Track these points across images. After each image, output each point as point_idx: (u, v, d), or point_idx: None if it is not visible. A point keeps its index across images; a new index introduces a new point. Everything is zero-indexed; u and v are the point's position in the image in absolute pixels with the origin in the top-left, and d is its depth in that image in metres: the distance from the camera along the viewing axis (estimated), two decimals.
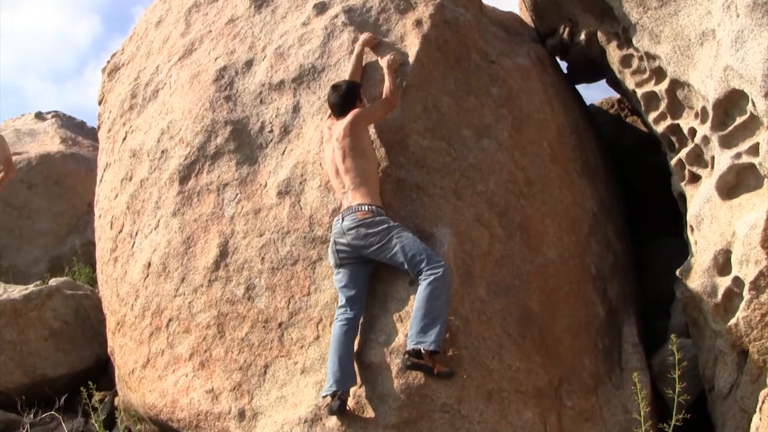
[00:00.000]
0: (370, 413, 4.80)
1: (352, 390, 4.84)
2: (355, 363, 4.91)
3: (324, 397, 4.83)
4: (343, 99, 5.52)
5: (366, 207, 5.09)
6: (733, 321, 5.40)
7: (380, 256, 5.07)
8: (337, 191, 5.40)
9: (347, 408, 4.78)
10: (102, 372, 8.11)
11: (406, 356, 4.76)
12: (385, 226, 5.02)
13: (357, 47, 6.00)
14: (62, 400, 7.07)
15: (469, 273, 5.22)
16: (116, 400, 7.09)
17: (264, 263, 5.61)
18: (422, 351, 4.67)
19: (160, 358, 5.98)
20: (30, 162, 13.20)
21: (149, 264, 6.29)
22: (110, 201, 7.22)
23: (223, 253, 5.82)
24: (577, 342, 5.86)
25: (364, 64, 5.98)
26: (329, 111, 5.74)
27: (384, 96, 5.63)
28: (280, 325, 5.39)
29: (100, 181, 7.79)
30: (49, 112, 16.23)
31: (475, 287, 5.19)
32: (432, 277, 4.80)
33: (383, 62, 5.84)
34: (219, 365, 5.55)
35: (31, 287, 8.27)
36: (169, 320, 5.98)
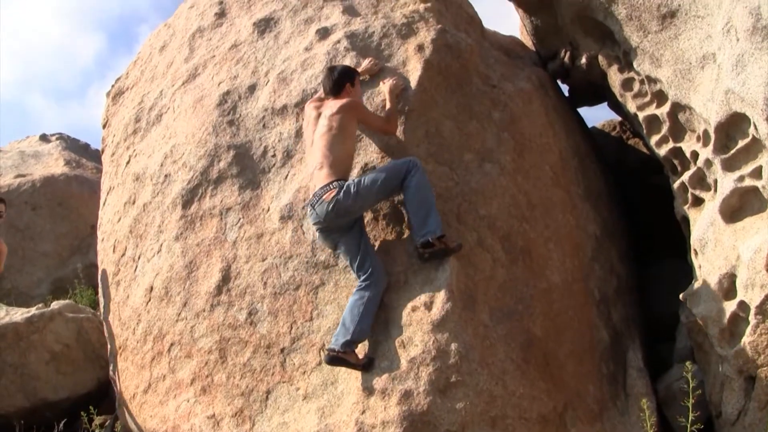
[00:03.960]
0: None
1: (354, 416, 4.82)
2: (351, 322, 4.99)
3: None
4: (336, 78, 5.63)
5: (328, 186, 5.17)
6: (739, 346, 5.36)
7: (366, 209, 5.39)
8: (307, 172, 5.56)
9: (338, 358, 4.92)
10: (103, 396, 8.09)
11: (421, 250, 5.11)
12: (353, 189, 5.13)
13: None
14: (62, 424, 7.03)
15: (472, 298, 5.19)
16: (117, 424, 7.06)
17: (266, 288, 5.60)
18: (430, 240, 5.04)
19: (162, 383, 5.96)
20: (34, 184, 13.25)
21: (151, 288, 6.28)
22: (113, 224, 7.22)
23: (226, 278, 5.81)
24: (582, 367, 5.82)
25: (366, 90, 6.01)
26: (318, 95, 5.92)
27: (390, 121, 5.67)
28: (282, 350, 5.38)
29: (104, 204, 7.80)
30: (54, 134, 16.32)
31: (478, 312, 5.16)
32: (413, 179, 5.16)
33: (385, 87, 5.88)
34: (221, 390, 5.52)
35: (33, 310, 8.26)
36: (171, 345, 5.97)
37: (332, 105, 5.48)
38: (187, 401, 5.69)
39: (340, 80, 5.63)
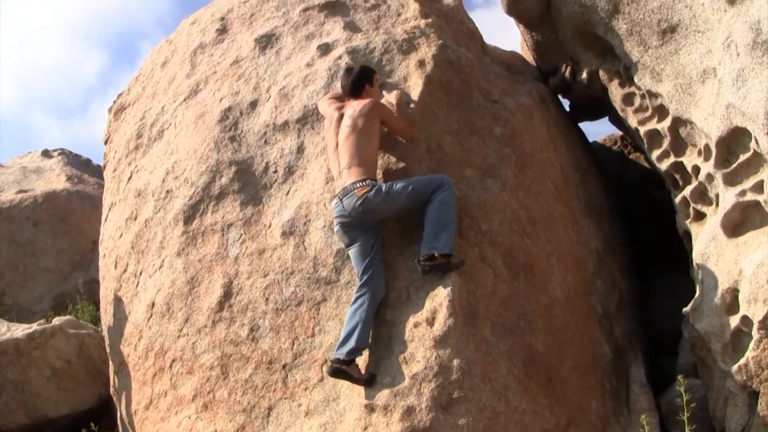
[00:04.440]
0: None
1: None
2: (354, 329, 5.00)
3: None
4: (355, 79, 5.72)
5: (360, 183, 5.24)
6: (742, 361, 5.34)
7: (392, 213, 5.38)
8: (334, 171, 5.54)
9: (341, 370, 4.91)
10: (104, 412, 8.06)
11: (422, 262, 5.06)
12: (384, 190, 5.24)
13: None
14: None
15: (474, 313, 5.18)
16: None
17: (268, 304, 5.59)
18: (435, 255, 5.02)
19: (163, 399, 5.94)
20: (36, 199, 13.23)
21: (153, 304, 6.27)
22: (115, 240, 7.22)
23: (227, 294, 5.81)
24: (584, 383, 5.80)
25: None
26: (333, 94, 6.04)
27: (408, 121, 5.77)
28: (284, 366, 5.36)
29: (105, 220, 7.81)
30: (56, 150, 16.32)
31: (479, 328, 5.15)
32: (441, 194, 5.21)
33: (392, 98, 5.92)
34: (222, 407, 5.51)
35: (34, 326, 8.24)
36: (173, 361, 5.95)
37: (355, 105, 5.55)
38: (189, 417, 5.68)
39: (359, 81, 5.72)
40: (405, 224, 5.49)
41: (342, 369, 4.90)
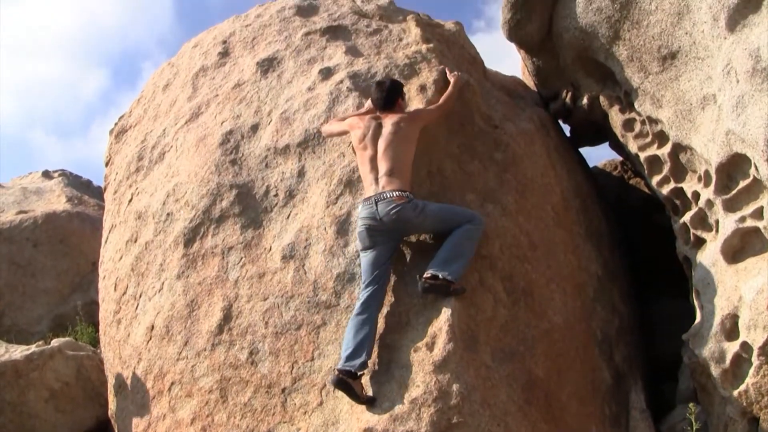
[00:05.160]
0: None
1: None
2: (363, 341, 5.01)
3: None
4: (387, 93, 5.85)
5: (398, 192, 5.29)
6: (742, 387, 5.34)
7: (420, 231, 5.50)
8: (366, 176, 5.56)
9: (347, 383, 4.88)
10: None
11: (424, 280, 5.08)
12: (420, 206, 5.30)
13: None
14: None
15: (474, 338, 5.17)
16: None
17: (268, 327, 5.58)
18: (439, 276, 5.05)
19: (162, 423, 5.91)
20: (36, 220, 13.23)
21: (152, 327, 6.26)
22: (115, 262, 7.22)
23: (227, 317, 5.80)
24: (584, 408, 5.79)
25: None
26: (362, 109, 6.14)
27: (443, 100, 6.08)
28: (283, 390, 5.34)
29: (105, 242, 7.81)
30: (56, 171, 16.35)
31: (479, 353, 5.14)
32: (469, 226, 5.31)
33: (452, 77, 6.29)
34: (221, 431, 5.48)
35: (32, 347, 8.20)
36: (172, 384, 5.93)
37: (394, 116, 5.69)
38: None
39: (391, 95, 5.86)
40: (408, 250, 5.51)
41: (347, 382, 4.88)
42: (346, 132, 5.96)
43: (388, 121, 5.65)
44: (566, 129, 8.74)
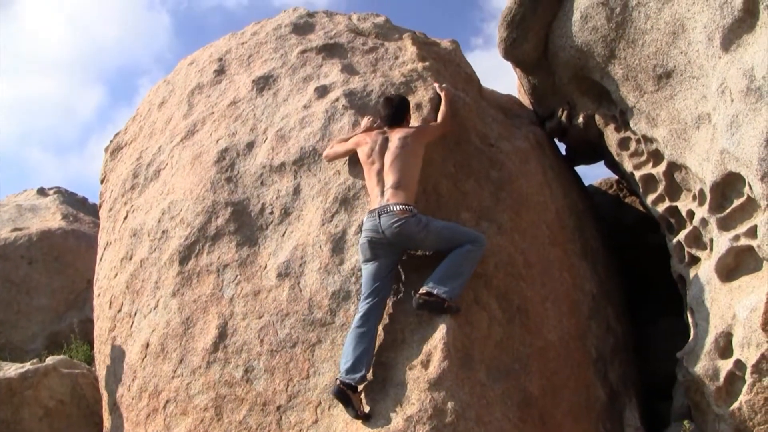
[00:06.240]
0: None
1: None
2: (363, 355, 5.02)
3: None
4: (396, 110, 5.97)
5: (402, 206, 5.32)
6: (736, 405, 5.35)
7: (422, 247, 5.50)
8: (373, 189, 5.60)
9: (347, 395, 4.91)
10: None
11: (419, 296, 5.11)
12: (423, 221, 5.33)
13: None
14: None
15: (469, 356, 5.17)
16: None
17: (263, 345, 5.57)
18: (434, 293, 5.08)
19: None
20: (30, 238, 13.23)
21: (147, 344, 6.24)
22: (110, 280, 7.21)
23: (222, 335, 5.79)
24: (579, 426, 5.78)
25: None
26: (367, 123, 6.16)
27: (441, 120, 6.18)
28: (278, 408, 5.33)
29: (100, 259, 7.79)
30: (51, 188, 16.35)
31: (475, 371, 5.13)
32: (470, 247, 5.31)
33: (440, 91, 6.38)
34: None
35: (27, 365, 8.18)
36: (167, 402, 5.91)
37: (402, 131, 5.78)
38: None
39: (400, 111, 5.98)
40: (403, 269, 5.51)
41: (348, 394, 4.90)
42: (352, 151, 5.99)
43: (395, 136, 5.71)
44: (562, 147, 8.77)
